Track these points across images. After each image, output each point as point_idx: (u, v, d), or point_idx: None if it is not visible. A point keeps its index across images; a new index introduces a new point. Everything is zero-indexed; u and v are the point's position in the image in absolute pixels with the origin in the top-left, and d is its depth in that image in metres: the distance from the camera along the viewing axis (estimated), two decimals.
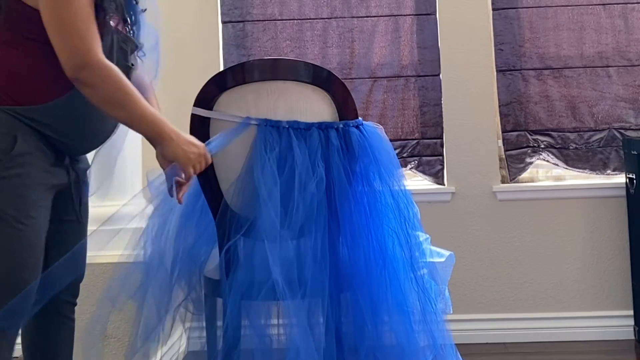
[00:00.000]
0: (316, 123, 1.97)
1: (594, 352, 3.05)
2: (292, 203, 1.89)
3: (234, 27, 3.42)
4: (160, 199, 2.12)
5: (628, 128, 3.30)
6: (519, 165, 3.31)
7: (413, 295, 1.96)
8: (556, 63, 3.34)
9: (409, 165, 3.33)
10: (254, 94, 1.98)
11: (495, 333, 3.21)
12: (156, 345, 2.11)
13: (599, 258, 3.25)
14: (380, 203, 2.01)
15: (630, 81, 3.32)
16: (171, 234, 2.07)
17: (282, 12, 3.42)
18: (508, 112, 3.33)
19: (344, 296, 1.95)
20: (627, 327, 3.15)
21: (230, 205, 1.99)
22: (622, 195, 3.20)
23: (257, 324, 1.92)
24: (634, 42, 3.33)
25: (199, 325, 2.14)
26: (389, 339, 1.93)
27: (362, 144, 1.99)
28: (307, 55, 3.39)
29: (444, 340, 1.98)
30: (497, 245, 3.27)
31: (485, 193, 3.28)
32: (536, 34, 3.35)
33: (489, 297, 3.26)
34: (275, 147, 1.94)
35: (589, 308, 3.23)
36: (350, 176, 1.97)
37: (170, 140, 1.73)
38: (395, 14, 3.40)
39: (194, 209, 2.09)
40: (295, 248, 1.93)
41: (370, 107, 3.36)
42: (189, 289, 2.12)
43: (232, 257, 1.94)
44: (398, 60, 3.38)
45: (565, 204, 3.26)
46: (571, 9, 3.36)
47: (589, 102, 3.32)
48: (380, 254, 1.96)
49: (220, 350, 1.94)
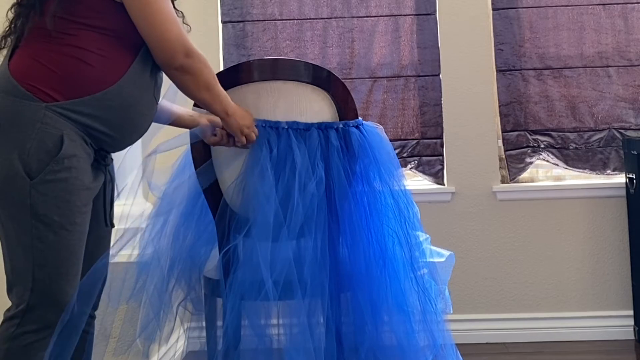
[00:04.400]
0: (316, 123, 1.97)
1: (594, 352, 3.05)
2: (292, 203, 1.89)
3: (234, 27, 3.42)
4: (160, 199, 2.12)
5: (628, 128, 3.30)
6: (519, 165, 3.31)
7: (413, 295, 1.96)
8: (556, 63, 3.34)
9: (409, 165, 3.33)
10: (253, 94, 1.98)
11: (495, 333, 3.21)
12: (155, 345, 2.11)
13: (599, 258, 3.25)
14: (380, 203, 2.01)
15: (630, 81, 3.32)
16: (170, 234, 2.07)
17: (282, 12, 3.42)
18: (508, 112, 3.33)
19: (344, 296, 1.95)
20: (627, 327, 3.15)
21: (229, 205, 1.99)
22: (622, 195, 3.20)
23: (257, 324, 1.92)
24: (634, 42, 3.32)
25: (198, 325, 2.14)
26: (389, 339, 1.93)
27: (362, 144, 1.99)
28: (307, 55, 3.39)
29: (444, 340, 1.98)
30: (497, 245, 3.27)
31: (485, 193, 3.28)
32: (536, 34, 3.35)
33: (489, 297, 3.26)
34: (275, 148, 1.94)
35: (589, 308, 3.23)
36: (350, 176, 1.97)
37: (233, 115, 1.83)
38: (395, 14, 3.40)
39: (193, 209, 2.09)
40: (295, 248, 1.92)
41: (370, 107, 3.36)
42: (189, 289, 2.12)
43: (231, 257, 1.93)
44: (398, 60, 3.38)
45: (565, 204, 3.26)
46: (571, 9, 3.36)
47: (589, 102, 3.32)
48: (380, 254, 1.96)
49: (220, 351, 1.94)
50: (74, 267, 1.60)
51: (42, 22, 1.63)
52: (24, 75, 1.60)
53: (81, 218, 1.60)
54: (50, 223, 1.55)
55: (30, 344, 1.55)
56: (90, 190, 1.65)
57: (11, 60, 1.65)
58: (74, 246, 1.59)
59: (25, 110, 1.57)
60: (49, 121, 1.57)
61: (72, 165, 1.58)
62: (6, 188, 1.56)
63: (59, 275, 1.57)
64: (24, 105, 1.57)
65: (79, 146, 1.60)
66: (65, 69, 1.61)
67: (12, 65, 1.63)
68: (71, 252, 1.58)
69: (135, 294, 2.07)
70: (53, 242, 1.55)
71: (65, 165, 1.56)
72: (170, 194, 2.11)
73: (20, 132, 1.56)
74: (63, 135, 1.57)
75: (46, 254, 1.55)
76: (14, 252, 1.57)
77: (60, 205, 1.56)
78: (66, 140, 1.57)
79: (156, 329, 2.03)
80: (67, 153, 1.57)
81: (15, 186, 1.55)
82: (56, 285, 1.56)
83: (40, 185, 1.54)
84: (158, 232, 2.09)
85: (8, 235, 1.58)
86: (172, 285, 2.07)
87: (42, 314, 1.55)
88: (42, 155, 1.55)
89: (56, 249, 1.56)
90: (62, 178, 1.56)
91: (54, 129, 1.57)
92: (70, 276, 1.59)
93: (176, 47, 1.68)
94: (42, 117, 1.56)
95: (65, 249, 1.57)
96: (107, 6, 1.63)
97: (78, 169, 1.59)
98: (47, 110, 1.57)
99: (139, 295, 2.06)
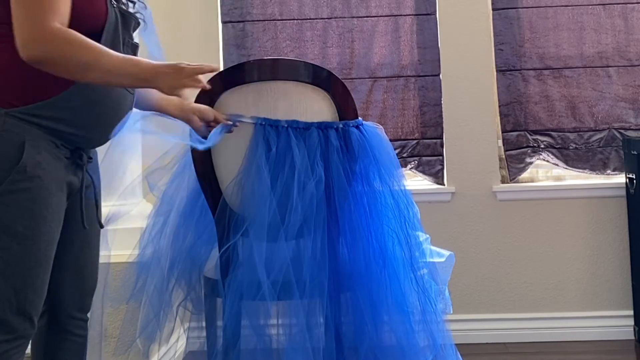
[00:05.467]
0: (315, 123, 1.97)
1: (594, 352, 3.05)
2: (291, 203, 1.89)
3: (234, 27, 3.42)
4: (160, 199, 2.12)
5: (628, 128, 3.30)
6: (519, 165, 3.31)
7: (413, 295, 1.96)
8: (556, 63, 3.34)
9: (409, 165, 3.33)
10: (254, 94, 1.98)
11: (495, 333, 3.21)
12: (155, 345, 2.11)
13: (599, 258, 3.25)
14: (380, 203, 2.01)
15: (630, 81, 3.32)
16: (170, 233, 2.07)
17: (282, 12, 3.42)
18: (508, 112, 3.33)
19: (343, 296, 1.95)
20: (627, 327, 3.15)
21: (229, 204, 1.99)
22: (622, 195, 3.20)
23: (256, 324, 1.92)
24: (634, 42, 3.32)
25: (198, 325, 2.14)
26: (389, 339, 1.93)
27: (362, 144, 1.99)
28: (307, 55, 3.39)
29: (444, 340, 1.98)
30: (497, 245, 3.27)
31: (485, 193, 3.28)
32: (536, 34, 3.35)
33: (489, 297, 3.26)
34: (274, 147, 1.94)
35: (589, 308, 3.23)
36: (349, 176, 1.97)
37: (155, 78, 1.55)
38: (395, 14, 3.40)
39: (193, 209, 2.09)
40: (295, 248, 1.93)
41: (370, 107, 3.36)
42: (189, 289, 2.12)
43: (231, 257, 1.93)
44: (398, 60, 3.38)
45: (565, 204, 3.26)
46: (571, 9, 3.36)
47: (589, 102, 3.32)
48: (380, 254, 1.96)
49: (220, 350, 1.94)
50: (41, 277, 1.54)
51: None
52: None
53: (47, 227, 1.54)
54: (14, 234, 1.49)
55: (5, 352, 1.51)
56: (59, 196, 1.57)
57: None
58: (40, 255, 1.53)
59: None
60: (9, 127, 1.50)
61: (35, 174, 1.51)
62: None
63: (25, 286, 1.51)
64: None
65: (43, 151, 1.53)
66: (19, 74, 1.52)
67: None
68: (37, 262, 1.52)
69: (135, 294, 2.07)
70: (18, 253, 1.50)
71: (27, 175, 1.50)
72: (170, 194, 2.11)
73: None
74: (25, 142, 1.50)
75: (12, 265, 1.50)
76: None
77: (25, 216, 1.50)
78: (28, 147, 1.50)
79: (156, 329, 2.03)
80: (29, 161, 1.50)
81: None
82: (22, 296, 1.51)
83: (3, 196, 1.48)
84: (158, 232, 2.09)
85: None
86: (172, 285, 2.07)
87: (10, 325, 1.51)
88: (3, 164, 1.49)
89: (21, 259, 1.50)
90: (25, 188, 1.50)
91: (15, 136, 1.50)
92: (37, 285, 1.53)
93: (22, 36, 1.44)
94: (2, 124, 1.50)
95: (30, 260, 1.51)
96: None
97: (42, 177, 1.52)
98: (6, 116, 1.51)
99: (139, 295, 2.07)
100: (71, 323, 1.75)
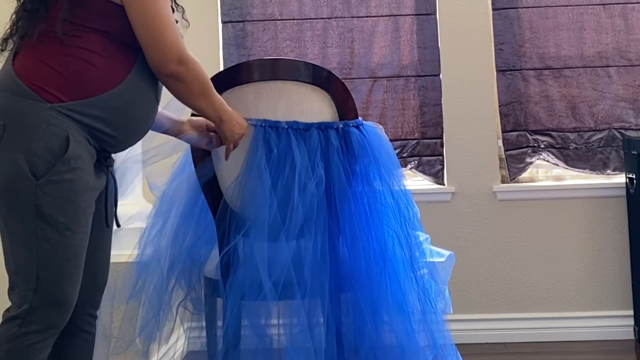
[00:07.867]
0: (316, 123, 1.97)
1: (594, 352, 3.05)
2: (292, 203, 1.89)
3: (234, 27, 3.42)
4: (160, 199, 2.12)
5: (628, 128, 3.30)
6: (519, 165, 3.31)
7: (413, 295, 1.96)
8: (556, 63, 3.34)
9: (409, 165, 3.33)
10: (254, 94, 1.99)
11: (495, 333, 3.21)
12: (155, 345, 2.11)
13: (599, 258, 3.25)
14: (380, 203, 2.01)
15: (630, 81, 3.32)
16: (170, 233, 2.07)
17: (282, 12, 3.42)
18: (508, 112, 3.33)
19: (344, 296, 1.95)
20: (627, 327, 3.15)
21: (229, 205, 1.99)
22: (622, 195, 3.20)
23: (257, 324, 1.92)
24: (634, 42, 3.32)
25: (198, 325, 2.14)
26: (389, 339, 1.93)
27: (362, 144, 1.99)
28: (307, 55, 3.38)
29: (444, 340, 1.99)
30: (497, 245, 3.27)
31: (485, 193, 3.28)
32: (536, 34, 3.35)
33: (489, 297, 3.26)
34: (275, 148, 1.94)
35: (589, 308, 3.23)
36: (350, 176, 1.97)
37: (227, 121, 1.83)
38: (395, 14, 3.40)
39: (193, 209, 2.09)
40: (295, 248, 1.93)
41: (370, 107, 3.36)
42: (189, 289, 2.12)
43: (231, 257, 1.94)
44: (398, 60, 3.38)
45: (565, 204, 3.26)
46: (571, 9, 3.36)
47: (589, 102, 3.32)
48: (380, 254, 1.96)
49: (220, 351, 1.94)
50: (77, 269, 1.60)
51: (47, 24, 1.63)
52: (29, 75, 1.60)
53: (85, 219, 1.60)
54: (55, 224, 1.54)
55: (32, 345, 1.54)
56: (94, 192, 1.65)
57: (15, 61, 1.64)
58: (78, 247, 1.59)
59: (30, 111, 1.56)
60: (54, 121, 1.56)
61: (77, 166, 1.57)
62: (12, 188, 1.55)
63: (63, 276, 1.57)
64: (29, 105, 1.57)
65: (83, 147, 1.60)
66: (70, 69, 1.61)
67: (16, 65, 1.63)
68: (75, 253, 1.58)
69: (135, 294, 2.07)
70: (58, 243, 1.55)
71: (71, 166, 1.56)
72: (170, 194, 2.11)
73: (26, 132, 1.55)
74: (69, 136, 1.56)
75: (51, 254, 1.55)
76: (18, 252, 1.57)
77: (66, 206, 1.56)
78: (72, 141, 1.57)
79: (155, 328, 2.04)
80: (73, 154, 1.57)
81: (21, 186, 1.54)
82: (60, 286, 1.56)
83: (46, 185, 1.54)
84: (158, 232, 2.09)
85: (12, 236, 1.58)
86: (172, 285, 2.07)
87: (44, 315, 1.55)
88: (48, 155, 1.55)
89: (61, 249, 1.56)
90: (68, 179, 1.56)
91: (59, 130, 1.56)
92: (73, 277, 1.59)
93: (169, 54, 1.65)
94: (48, 118, 1.56)
95: (69, 250, 1.57)
96: (111, 10, 1.63)
97: (83, 169, 1.59)
98: (52, 110, 1.57)
99: (139, 295, 2.07)
100: (82, 318, 1.77)
